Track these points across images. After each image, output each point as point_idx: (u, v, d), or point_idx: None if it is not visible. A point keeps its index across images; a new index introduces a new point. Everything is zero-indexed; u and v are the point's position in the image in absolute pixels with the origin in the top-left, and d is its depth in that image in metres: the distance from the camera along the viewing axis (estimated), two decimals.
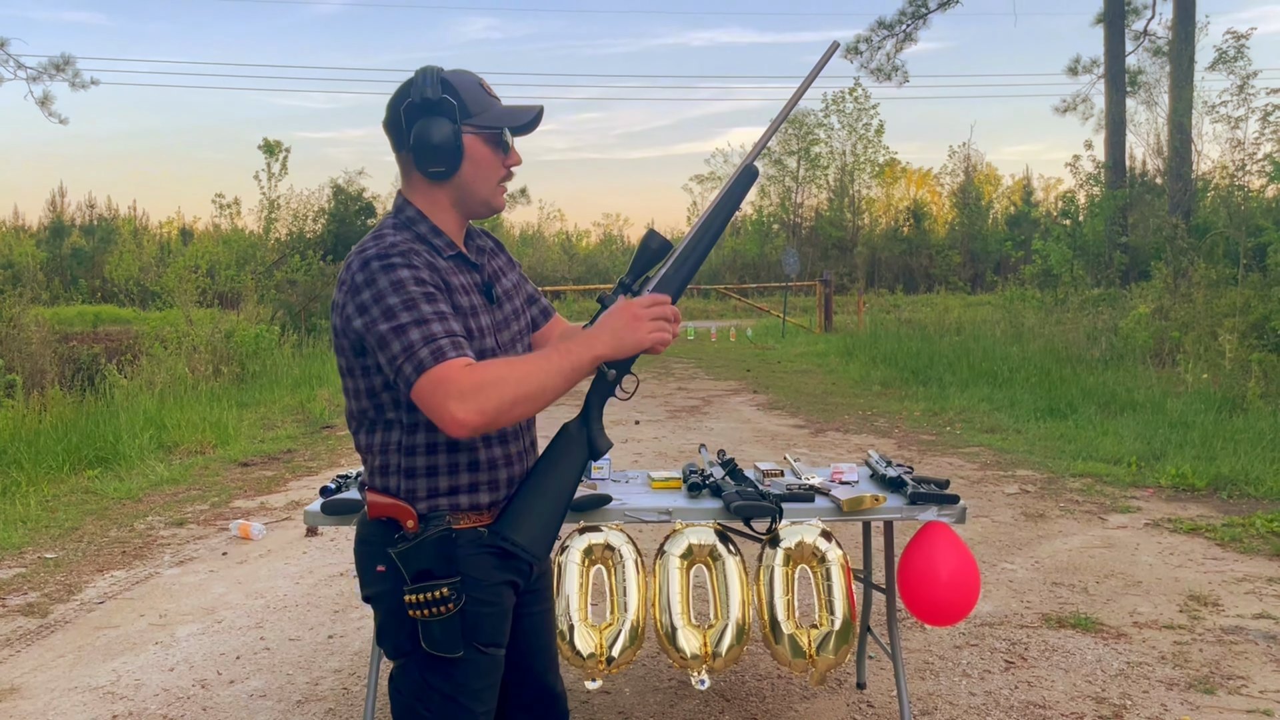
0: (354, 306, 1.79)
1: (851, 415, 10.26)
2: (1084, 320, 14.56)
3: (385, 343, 1.76)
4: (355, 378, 1.88)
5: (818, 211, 38.14)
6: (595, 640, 2.80)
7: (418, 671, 1.90)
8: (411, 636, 1.87)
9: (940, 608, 2.86)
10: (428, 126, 1.86)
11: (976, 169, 39.97)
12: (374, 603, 1.95)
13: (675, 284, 2.00)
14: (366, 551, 1.94)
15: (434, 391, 1.72)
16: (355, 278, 1.80)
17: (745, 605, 2.85)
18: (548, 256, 38.33)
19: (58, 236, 37.57)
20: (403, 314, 1.76)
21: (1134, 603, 4.56)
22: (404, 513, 1.86)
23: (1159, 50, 21.52)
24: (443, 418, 1.73)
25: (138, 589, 4.89)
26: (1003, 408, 10.10)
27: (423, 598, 1.82)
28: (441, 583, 1.83)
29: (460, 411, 1.71)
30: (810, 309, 23.50)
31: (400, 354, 1.74)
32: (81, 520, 6.18)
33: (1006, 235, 32.68)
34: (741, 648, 2.82)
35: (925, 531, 2.96)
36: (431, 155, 1.87)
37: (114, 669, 3.90)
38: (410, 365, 1.74)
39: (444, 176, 1.90)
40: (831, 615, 2.84)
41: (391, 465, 1.89)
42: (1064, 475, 7.21)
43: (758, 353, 17.19)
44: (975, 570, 2.92)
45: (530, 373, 1.78)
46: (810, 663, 2.80)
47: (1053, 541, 5.56)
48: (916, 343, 14.85)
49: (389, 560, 1.85)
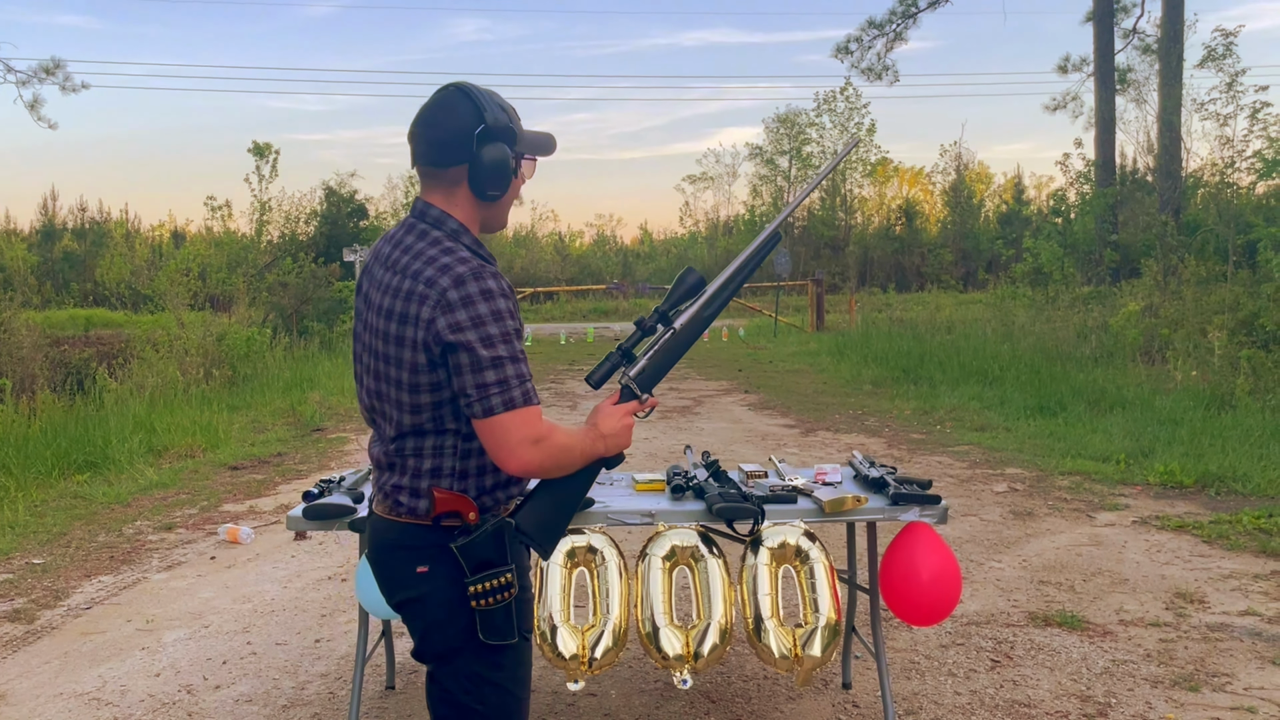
0: (446, 323, 1.84)
1: (842, 415, 10.28)
2: (1074, 318, 14.60)
3: (479, 368, 1.83)
4: (420, 393, 1.92)
5: (810, 211, 38.16)
6: (578, 642, 2.80)
7: (471, 666, 1.96)
8: (465, 631, 1.94)
9: (922, 608, 2.86)
10: (498, 152, 1.95)
11: (968, 167, 40.05)
12: (414, 606, 1.98)
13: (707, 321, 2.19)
14: (402, 556, 1.97)
15: (515, 429, 1.85)
16: (449, 295, 1.84)
17: (728, 606, 2.86)
18: (540, 257, 38.30)
19: (49, 240, 37.39)
20: (501, 346, 1.85)
21: (1120, 600, 4.57)
22: (467, 505, 1.94)
23: (1148, 48, 21.59)
24: (511, 453, 1.86)
25: (125, 594, 4.88)
26: (993, 406, 10.12)
27: (486, 586, 1.91)
28: (503, 570, 1.93)
29: (530, 456, 1.87)
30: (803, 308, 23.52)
31: (493, 385, 1.84)
32: (70, 525, 6.17)
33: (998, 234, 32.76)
34: (724, 648, 2.83)
35: (907, 532, 2.97)
36: (495, 179, 1.96)
37: (100, 675, 3.89)
38: (500, 398, 1.84)
39: (498, 199, 2.00)
40: (817, 614, 2.84)
41: (445, 468, 1.95)
42: (1053, 473, 7.23)
43: (750, 352, 17.21)
44: (957, 570, 2.92)
45: (576, 449, 1.96)
46: (796, 662, 2.80)
47: (1040, 540, 5.57)
48: (907, 342, 14.88)
49: (438, 558, 1.92)
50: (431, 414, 1.93)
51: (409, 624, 2.02)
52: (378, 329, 1.94)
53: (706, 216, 41.37)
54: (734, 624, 2.88)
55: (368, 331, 1.99)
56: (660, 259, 39.20)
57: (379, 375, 1.97)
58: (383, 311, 1.93)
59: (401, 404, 1.94)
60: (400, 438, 1.97)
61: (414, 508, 1.95)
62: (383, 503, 2.01)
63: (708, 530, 3.01)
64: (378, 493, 2.03)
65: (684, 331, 2.13)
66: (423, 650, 2.01)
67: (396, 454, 1.97)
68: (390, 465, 1.99)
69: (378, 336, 1.95)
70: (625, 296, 29.37)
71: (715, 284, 2.16)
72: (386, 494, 1.99)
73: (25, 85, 14.85)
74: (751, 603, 2.85)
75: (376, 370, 1.97)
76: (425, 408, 1.93)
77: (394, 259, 1.96)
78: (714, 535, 3.04)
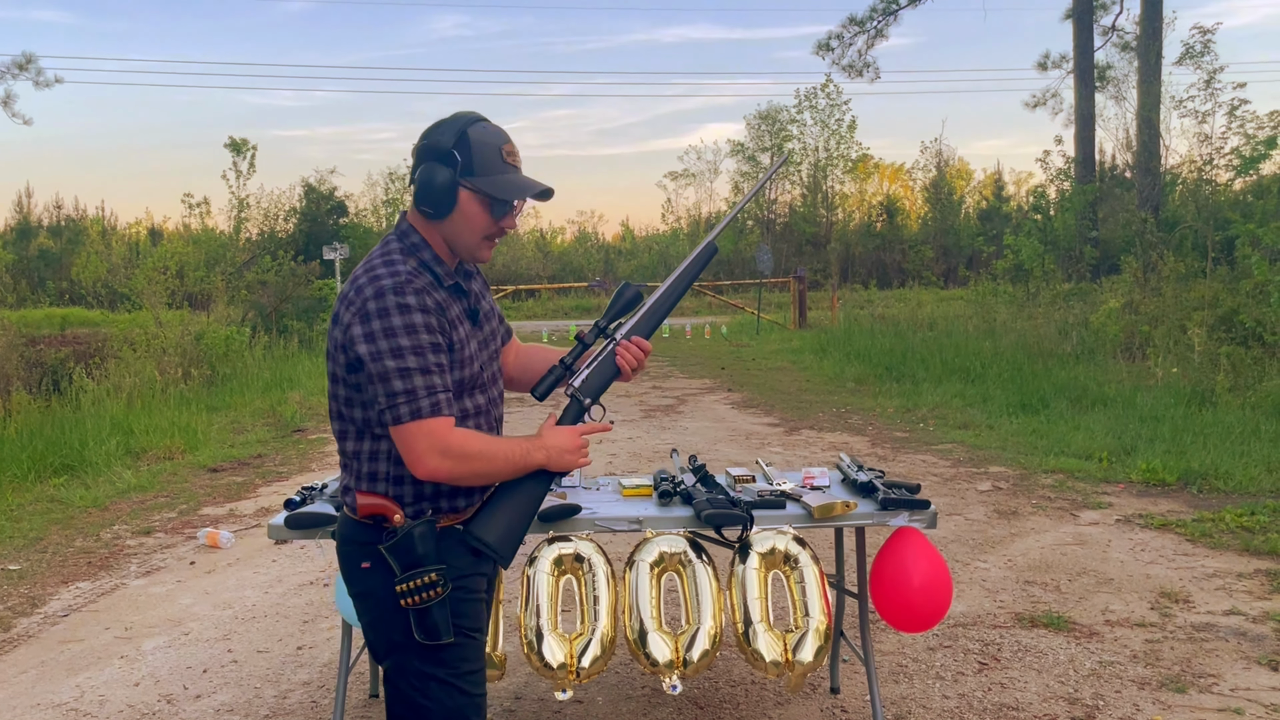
0: (361, 331, 1.93)
1: (825, 413, 10.28)
2: (1055, 315, 14.65)
3: (386, 378, 1.91)
4: (349, 389, 2.02)
5: (791, 207, 38.18)
6: (565, 651, 2.76)
7: (414, 663, 2.02)
8: (404, 629, 2.00)
9: (912, 613, 2.84)
10: (431, 172, 2.02)
11: (948, 164, 40.17)
12: (361, 601, 2.07)
13: (645, 331, 2.26)
14: (350, 551, 2.07)
15: (421, 438, 1.93)
16: (368, 305, 1.93)
17: (718, 611, 2.83)
18: (522, 254, 38.17)
19: (24, 238, 36.99)
20: (410, 357, 1.92)
21: (1106, 600, 4.57)
22: (391, 509, 2.01)
23: (1127, 45, 21.72)
24: (418, 460, 1.94)
25: (103, 600, 4.81)
26: (975, 403, 10.13)
27: (414, 584, 1.97)
28: (429, 569, 1.99)
29: (438, 464, 1.94)
30: (785, 305, 23.54)
31: (401, 394, 1.92)
32: (47, 530, 6.08)
33: (979, 230, 32.87)
34: (714, 654, 2.80)
35: (897, 537, 2.95)
36: (425, 196, 2.03)
37: (78, 684, 3.83)
38: (407, 408, 1.92)
39: (431, 217, 2.05)
40: (808, 618, 2.82)
41: (380, 473, 2.03)
42: (1036, 471, 7.24)
43: (732, 350, 17.20)
44: (947, 575, 2.90)
45: (499, 458, 2.02)
46: (787, 667, 2.78)
47: (1025, 539, 5.58)
48: (889, 339, 14.90)
49: (376, 556, 2.00)
50: (363, 415, 2.02)
51: (360, 619, 2.10)
52: (328, 331, 2.04)
53: (688, 213, 41.35)
54: (723, 629, 2.86)
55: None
56: (642, 255, 39.12)
57: (328, 375, 2.07)
58: (333, 315, 2.03)
59: (336, 397, 2.05)
60: (342, 438, 2.07)
61: (354, 505, 2.05)
62: (340, 499, 2.13)
63: (696, 536, 2.98)
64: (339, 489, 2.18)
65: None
66: (372, 646, 2.10)
67: (342, 454, 2.09)
68: (343, 466, 2.11)
69: (328, 338, 2.05)
70: (607, 293, 29.31)
71: (653, 298, 2.26)
72: (340, 492, 2.12)
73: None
74: (741, 607, 2.83)
75: (326, 372, 2.08)
76: (355, 404, 2.02)
77: (352, 278, 2.04)
78: (703, 541, 3.02)
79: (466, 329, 2.09)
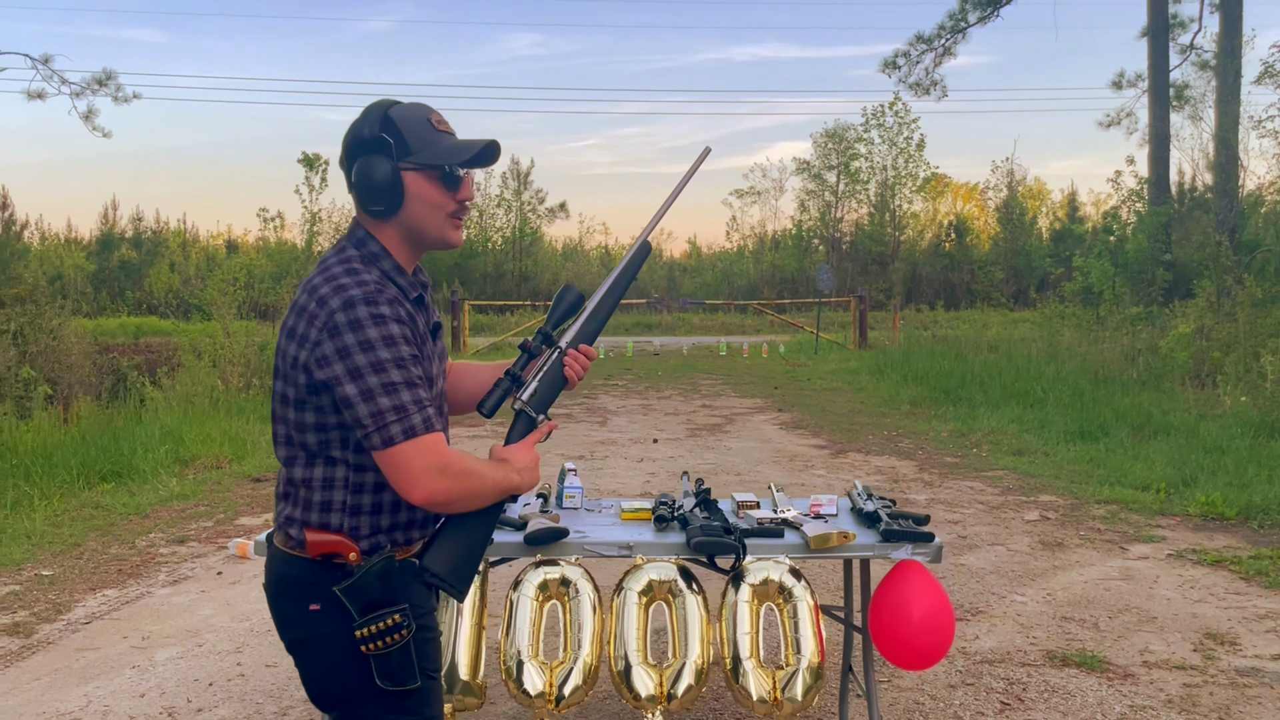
0: (333, 348, 1.75)
1: (876, 435, 10.06)
2: (1122, 339, 14.20)
3: (371, 396, 1.74)
4: (304, 411, 1.83)
5: (858, 226, 37.78)
6: (545, 679, 2.68)
7: (376, 713, 1.86)
8: (361, 677, 1.83)
9: (912, 650, 2.70)
10: (367, 165, 1.86)
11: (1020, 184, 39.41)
12: (307, 647, 1.88)
13: (590, 336, 2.13)
14: (293, 593, 1.87)
15: (417, 458, 1.76)
16: (336, 318, 1.75)
17: (705, 645, 2.72)
18: (586, 270, 38.33)
19: (107, 249, 38.18)
20: (394, 371, 1.75)
21: (1146, 640, 4.35)
22: (346, 547, 1.83)
23: (1205, 64, 21.04)
24: (415, 482, 1.76)
25: (127, 609, 4.85)
26: (1033, 429, 9.83)
27: (375, 629, 1.81)
28: (392, 610, 1.82)
29: (438, 485, 1.77)
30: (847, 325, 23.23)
31: (390, 411, 1.74)
32: (85, 536, 6.17)
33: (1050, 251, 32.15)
34: (699, 689, 2.69)
35: (898, 570, 2.81)
36: (372, 194, 1.86)
37: (86, 694, 3.84)
38: (399, 426, 1.74)
39: (384, 215, 1.89)
40: (799, 655, 2.70)
41: (335, 502, 1.85)
42: (1089, 501, 6.97)
43: (788, 370, 16.99)
44: (950, 612, 2.75)
45: (487, 477, 1.87)
46: (775, 706, 2.66)
47: (1068, 572, 5.35)
48: (950, 361, 14.57)
49: (328, 599, 1.82)
50: (320, 440, 1.84)
51: (301, 667, 1.91)
52: (279, 346, 1.85)
53: (753, 231, 41.13)
54: (711, 664, 2.74)
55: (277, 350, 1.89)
56: (706, 273, 39.04)
57: (275, 395, 1.88)
58: (285, 329, 1.84)
59: (286, 421, 1.86)
60: (291, 466, 1.88)
61: (302, 540, 1.85)
62: (279, 532, 1.91)
63: (689, 564, 2.87)
64: (276, 521, 1.93)
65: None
66: (321, 695, 1.90)
67: (289, 483, 1.88)
68: (285, 495, 1.90)
69: (278, 354, 1.86)
70: (669, 311, 29.25)
71: (594, 300, 2.13)
72: (280, 524, 1.90)
73: (79, 96, 15.08)
74: (730, 642, 2.71)
75: (273, 388, 1.89)
76: (308, 428, 1.84)
77: (309, 289, 1.85)
78: (701, 568, 2.91)
79: (429, 345, 1.95)
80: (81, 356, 13.57)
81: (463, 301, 20.31)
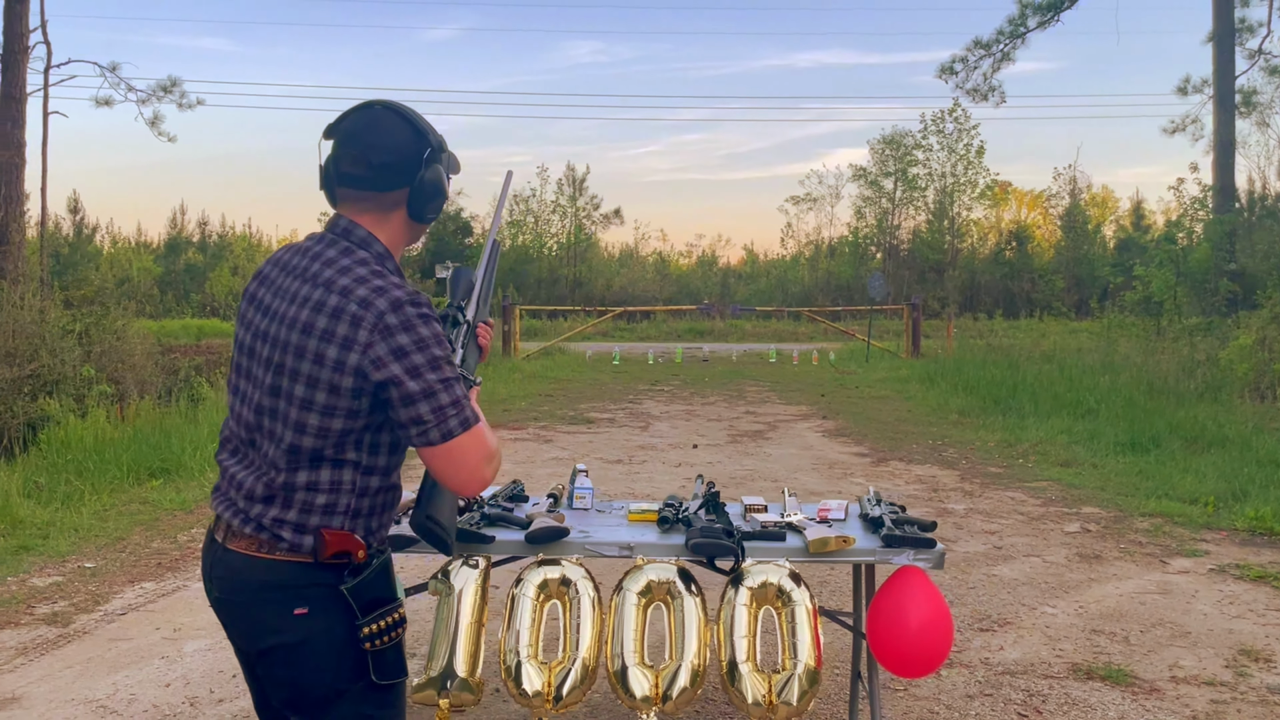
0: (388, 349, 1.76)
1: (920, 444, 9.94)
2: (1182, 350, 13.88)
3: (433, 394, 1.78)
4: (332, 416, 1.80)
5: (915, 233, 37.37)
6: (544, 678, 2.70)
7: (360, 708, 1.88)
8: (353, 672, 1.85)
9: (908, 657, 2.68)
10: (439, 174, 1.93)
11: (1083, 191, 38.70)
12: (290, 652, 1.84)
13: (488, 312, 2.32)
14: (275, 598, 1.83)
15: (473, 449, 1.83)
16: (387, 319, 1.77)
17: (702, 647, 2.72)
18: (641, 276, 38.41)
19: (174, 252, 39.12)
20: (447, 368, 1.81)
21: (1177, 655, 4.25)
22: (355, 544, 1.85)
23: (1275, 69, 20.52)
24: (472, 474, 1.84)
25: (162, 601, 4.96)
26: (1082, 440, 9.65)
27: (379, 626, 1.84)
28: (395, 606, 1.88)
29: (489, 473, 1.87)
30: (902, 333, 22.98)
31: (449, 406, 1.79)
32: (130, 530, 6.33)
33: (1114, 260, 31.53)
34: (695, 691, 2.69)
35: (897, 576, 2.78)
36: (436, 202, 1.95)
37: (114, 682, 3.94)
38: (458, 420, 1.80)
39: (434, 219, 2.00)
40: (795, 660, 2.68)
41: (340, 505, 1.85)
42: (1133, 514, 6.83)
43: (837, 377, 16.86)
44: (948, 620, 2.72)
45: None
46: (770, 710, 2.65)
47: (1104, 585, 5.25)
48: (1001, 370, 14.35)
49: (318, 600, 1.82)
50: (336, 442, 1.82)
51: (274, 672, 1.87)
52: (281, 340, 1.82)
53: (808, 238, 40.89)
54: (707, 666, 2.74)
55: (262, 341, 1.86)
56: (761, 280, 38.87)
57: (277, 391, 1.82)
58: (294, 324, 1.81)
59: (304, 426, 1.80)
60: (293, 468, 1.83)
61: (297, 544, 1.82)
62: (252, 537, 1.84)
63: (690, 566, 2.87)
64: (243, 525, 1.85)
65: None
66: (301, 699, 1.87)
67: (284, 486, 1.83)
68: (270, 498, 1.84)
69: (280, 348, 1.82)
70: (723, 317, 29.18)
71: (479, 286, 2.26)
72: (261, 527, 1.83)
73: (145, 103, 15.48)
74: (727, 645, 2.71)
75: (275, 386, 1.83)
76: (332, 434, 1.81)
77: (308, 269, 1.85)
78: (703, 570, 2.91)
79: None
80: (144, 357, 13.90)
81: (514, 306, 20.46)
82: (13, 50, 11.66)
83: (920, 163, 36.44)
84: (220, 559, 1.90)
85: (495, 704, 3.63)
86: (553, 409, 12.58)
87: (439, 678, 2.68)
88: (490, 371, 16.54)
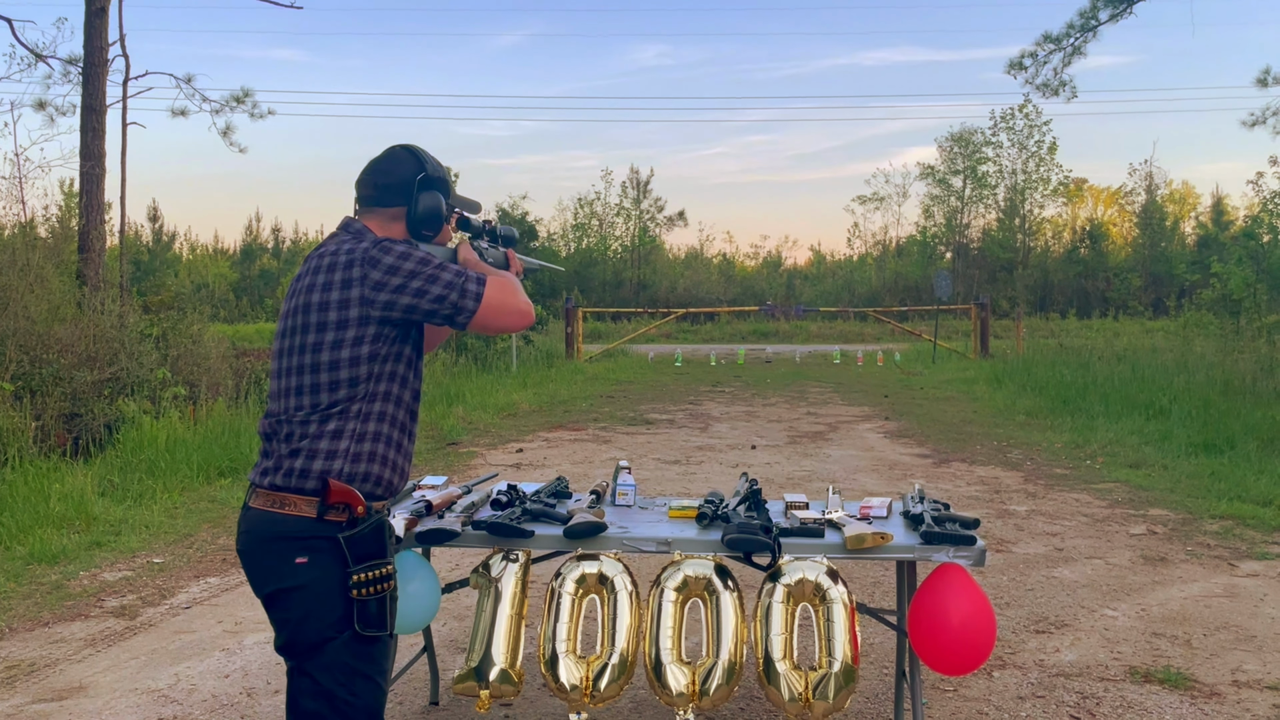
0: (380, 271, 2.10)
1: (985, 446, 9.79)
2: (1260, 348, 13.45)
3: (435, 279, 2.11)
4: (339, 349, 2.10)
5: (986, 232, 36.76)
6: (581, 672, 2.72)
7: (342, 657, 2.07)
8: (340, 621, 2.07)
9: (949, 655, 2.65)
10: (433, 199, 2.27)
11: (1161, 187, 37.72)
12: (291, 596, 2.08)
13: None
14: (278, 549, 2.09)
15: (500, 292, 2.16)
16: (372, 252, 2.12)
17: (738, 643, 2.72)
18: (705, 277, 38.35)
19: (249, 259, 40.12)
20: (434, 264, 2.14)
21: (1240, 659, 4.13)
22: (356, 499, 2.09)
23: None
24: (516, 314, 2.20)
25: (225, 596, 5.10)
26: (1153, 441, 9.41)
27: (368, 576, 2.07)
28: (384, 562, 2.12)
29: (522, 301, 2.22)
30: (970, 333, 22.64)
31: (457, 277, 2.13)
32: (198, 527, 6.51)
33: (1194, 257, 30.69)
34: (731, 687, 2.69)
35: (938, 574, 2.75)
36: (429, 221, 2.28)
37: (176, 673, 4.06)
38: (473, 283, 2.13)
39: (429, 239, 2.30)
40: (831, 658, 2.67)
41: (340, 451, 2.11)
42: (1202, 516, 6.64)
43: (903, 378, 16.66)
44: (991, 618, 2.69)
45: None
46: (806, 707, 2.64)
47: (1168, 588, 5.12)
48: (1071, 370, 14.06)
49: (316, 549, 2.06)
50: (346, 391, 2.10)
51: (279, 616, 2.11)
52: (305, 305, 2.13)
53: (875, 238, 40.46)
54: (744, 662, 2.74)
55: (293, 316, 2.15)
56: (827, 280, 38.58)
57: (303, 349, 2.12)
58: (315, 288, 2.13)
59: (320, 385, 2.11)
60: (305, 420, 2.11)
61: (301, 487, 2.08)
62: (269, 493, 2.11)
63: (728, 562, 2.88)
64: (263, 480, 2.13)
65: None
66: (294, 642, 2.09)
67: (302, 435, 2.11)
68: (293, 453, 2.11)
69: (302, 313, 2.13)
70: (787, 318, 29.02)
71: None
72: (275, 486, 2.09)
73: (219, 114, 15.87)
74: (764, 641, 2.71)
75: (301, 344, 2.13)
76: (342, 384, 2.10)
77: (333, 255, 2.16)
78: (743, 566, 2.92)
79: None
80: (219, 360, 14.29)
81: (577, 308, 20.57)
82: (93, 63, 12.02)
83: (990, 160, 35.87)
84: (244, 516, 2.19)
85: (541, 698, 3.66)
86: (613, 410, 12.63)
87: (479, 668, 2.72)
88: (553, 373, 16.67)
